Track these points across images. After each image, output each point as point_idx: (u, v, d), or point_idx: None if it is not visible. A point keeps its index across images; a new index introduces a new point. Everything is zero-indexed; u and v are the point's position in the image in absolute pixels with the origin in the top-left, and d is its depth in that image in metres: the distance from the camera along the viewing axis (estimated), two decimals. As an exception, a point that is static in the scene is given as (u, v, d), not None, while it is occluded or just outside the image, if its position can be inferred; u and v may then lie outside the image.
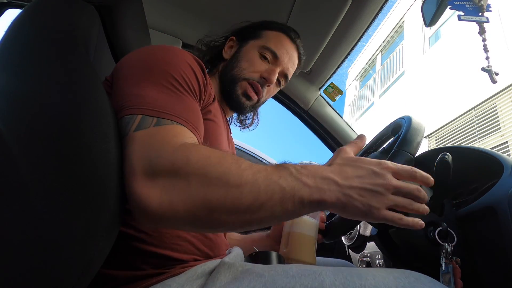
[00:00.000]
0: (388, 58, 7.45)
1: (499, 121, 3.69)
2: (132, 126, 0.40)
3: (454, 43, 4.73)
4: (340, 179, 0.39)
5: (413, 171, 0.42)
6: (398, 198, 0.40)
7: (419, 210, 0.41)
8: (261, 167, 0.38)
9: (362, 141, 0.49)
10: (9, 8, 1.01)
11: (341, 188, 0.39)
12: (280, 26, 0.79)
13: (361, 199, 0.38)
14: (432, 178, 0.43)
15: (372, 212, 0.38)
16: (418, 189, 0.41)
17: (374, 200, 0.39)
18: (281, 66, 0.76)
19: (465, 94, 4.22)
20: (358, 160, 0.42)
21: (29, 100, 0.37)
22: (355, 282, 0.37)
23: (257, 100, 0.75)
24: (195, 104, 0.50)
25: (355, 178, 0.40)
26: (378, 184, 0.39)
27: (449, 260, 0.52)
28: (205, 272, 0.47)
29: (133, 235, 0.46)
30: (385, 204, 0.39)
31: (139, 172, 0.36)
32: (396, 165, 0.42)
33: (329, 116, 1.36)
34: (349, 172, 0.40)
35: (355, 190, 0.39)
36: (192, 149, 0.38)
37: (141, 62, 0.49)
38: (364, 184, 0.39)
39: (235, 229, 0.40)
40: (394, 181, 0.40)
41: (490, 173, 0.63)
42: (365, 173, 0.40)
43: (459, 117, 4.33)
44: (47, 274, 0.28)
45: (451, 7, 0.59)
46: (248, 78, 0.73)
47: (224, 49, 0.80)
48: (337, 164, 0.42)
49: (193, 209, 0.35)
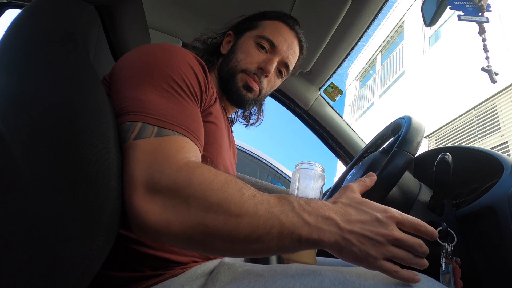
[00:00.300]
0: (388, 58, 7.45)
1: (499, 121, 3.69)
2: (132, 134, 0.39)
3: (454, 43, 4.73)
4: (342, 222, 0.38)
5: (418, 225, 0.40)
6: (397, 251, 0.39)
7: (417, 265, 0.40)
8: (264, 198, 0.38)
9: (372, 181, 0.48)
10: (9, 8, 1.01)
11: (342, 231, 0.38)
12: (276, 14, 0.76)
13: (360, 246, 0.38)
14: (437, 233, 0.42)
15: (369, 260, 0.37)
16: (420, 244, 0.39)
17: (373, 249, 0.38)
18: (280, 55, 0.72)
19: (465, 94, 4.22)
20: (363, 203, 0.41)
21: (29, 100, 0.37)
22: (355, 282, 0.37)
23: (258, 91, 0.72)
24: (196, 110, 0.49)
25: (357, 223, 0.39)
26: (380, 233, 0.38)
27: (449, 260, 0.52)
28: (204, 273, 0.47)
29: (132, 237, 0.46)
30: (383, 254, 0.38)
31: (140, 184, 0.36)
32: (402, 215, 0.40)
33: (329, 116, 1.36)
34: (353, 215, 0.39)
35: (355, 236, 0.38)
36: (196, 171, 0.37)
37: (140, 62, 0.48)
38: (366, 231, 0.38)
39: (226, 255, 0.40)
40: (397, 232, 0.39)
41: (490, 173, 0.63)
42: (369, 219, 0.39)
43: (459, 117, 4.33)
44: (47, 274, 0.28)
45: (451, 7, 0.59)
46: (245, 69, 0.69)
47: (222, 44, 0.78)
48: (342, 204, 0.41)
49: (188, 231, 0.35)
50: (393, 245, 0.39)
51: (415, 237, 0.40)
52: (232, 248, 0.36)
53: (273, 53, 0.72)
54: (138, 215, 0.34)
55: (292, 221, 0.37)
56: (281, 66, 0.74)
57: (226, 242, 0.36)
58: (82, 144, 0.35)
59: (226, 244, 0.36)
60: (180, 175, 0.36)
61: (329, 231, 0.38)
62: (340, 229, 0.38)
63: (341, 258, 0.39)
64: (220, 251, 0.37)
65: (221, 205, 0.35)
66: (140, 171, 0.36)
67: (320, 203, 0.40)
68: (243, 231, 0.35)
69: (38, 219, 0.28)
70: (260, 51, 0.71)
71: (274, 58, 0.71)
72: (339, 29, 0.99)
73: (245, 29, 0.76)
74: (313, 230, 0.37)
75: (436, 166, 0.59)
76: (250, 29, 0.74)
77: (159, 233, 0.35)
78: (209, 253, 0.42)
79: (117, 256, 0.44)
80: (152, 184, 0.35)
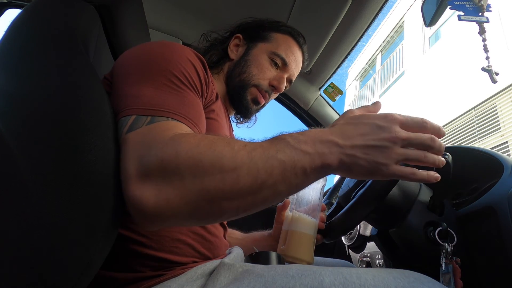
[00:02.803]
0: (388, 58, 7.45)
1: (499, 121, 3.69)
2: (125, 128, 0.39)
3: (454, 43, 4.73)
4: (341, 140, 0.37)
5: (423, 121, 0.38)
6: (408, 151, 0.36)
7: (435, 162, 0.37)
8: (256, 144, 0.36)
9: (375, 107, 0.44)
10: (9, 8, 1.01)
11: (343, 148, 0.36)
12: (289, 30, 0.78)
13: (366, 157, 0.36)
14: (443, 129, 0.40)
15: (380, 169, 0.36)
16: (431, 138, 0.37)
17: (381, 156, 0.35)
18: (289, 73, 0.76)
19: (465, 94, 4.22)
20: (361, 117, 0.40)
21: (29, 100, 0.37)
22: (355, 282, 0.37)
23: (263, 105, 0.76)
24: (197, 99, 0.48)
25: (358, 136, 0.37)
26: (383, 138, 0.36)
27: (449, 260, 0.52)
28: (205, 273, 0.47)
29: (132, 238, 0.46)
30: (394, 159, 0.36)
31: (132, 174, 0.34)
32: (403, 116, 0.38)
33: (329, 116, 1.36)
34: (351, 131, 0.38)
35: (359, 149, 0.36)
36: (181, 140, 0.35)
37: (139, 60, 0.48)
38: (368, 141, 0.36)
39: (239, 214, 0.37)
40: (402, 132, 0.37)
41: (490, 173, 0.63)
42: (369, 129, 0.37)
43: (459, 117, 4.33)
44: (47, 274, 0.28)
45: (451, 7, 0.59)
46: (258, 84, 0.73)
47: (230, 47, 0.77)
48: (339, 125, 0.40)
49: (191, 202, 0.33)
50: (402, 147, 0.37)
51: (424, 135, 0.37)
52: (242, 204, 0.35)
53: (283, 70, 0.76)
54: (136, 205, 0.33)
55: (290, 156, 0.35)
56: (286, 82, 0.78)
57: (233, 200, 0.34)
58: (82, 144, 0.35)
59: (234, 202, 0.34)
60: (166, 150, 0.34)
61: (330, 152, 0.36)
62: (340, 147, 0.36)
63: (354, 176, 0.37)
64: (231, 212, 0.35)
65: (213, 165, 0.34)
66: (130, 161, 0.35)
67: (316, 130, 0.38)
68: (244, 183, 0.34)
69: (37, 219, 0.28)
70: (272, 67, 0.74)
71: (284, 76, 0.75)
72: (339, 29, 0.99)
73: (257, 39, 0.76)
74: (314, 158, 0.35)
75: (436, 166, 0.59)
76: (263, 40, 0.76)
77: (163, 216, 0.33)
78: (221, 218, 0.39)
79: (117, 256, 0.44)
80: (142, 169, 0.34)
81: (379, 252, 0.84)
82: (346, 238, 1.00)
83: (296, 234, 0.64)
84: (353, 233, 0.96)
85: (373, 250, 0.88)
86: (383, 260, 0.84)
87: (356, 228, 0.94)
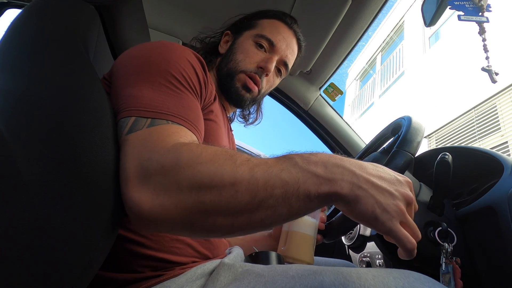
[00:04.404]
0: (388, 58, 7.45)
1: (499, 121, 3.68)
2: (125, 129, 0.39)
3: (454, 43, 4.73)
4: (358, 170, 0.34)
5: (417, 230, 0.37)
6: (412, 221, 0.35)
7: (413, 244, 0.36)
8: (261, 160, 0.35)
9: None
10: (9, 8, 1.01)
11: (358, 178, 0.33)
12: (275, 13, 0.75)
13: (377, 198, 0.33)
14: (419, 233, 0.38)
15: (384, 217, 0.33)
16: (417, 235, 0.37)
17: (392, 205, 0.33)
18: (279, 54, 0.72)
19: (465, 94, 4.22)
20: (381, 166, 0.38)
21: (29, 100, 0.37)
22: (355, 282, 0.37)
23: (257, 92, 0.71)
24: (195, 102, 0.47)
25: (376, 177, 0.34)
26: (400, 192, 0.34)
27: (449, 260, 0.52)
28: (204, 273, 0.47)
29: (132, 238, 0.46)
30: (401, 216, 0.34)
31: (131, 176, 0.34)
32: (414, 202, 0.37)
33: (329, 116, 1.36)
34: (371, 169, 0.35)
35: (373, 186, 0.33)
36: (183, 148, 0.35)
37: (138, 60, 0.47)
38: (385, 185, 0.34)
39: (234, 233, 0.36)
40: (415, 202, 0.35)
41: (490, 173, 0.63)
42: (389, 176, 0.35)
43: (459, 117, 4.33)
44: (47, 275, 0.27)
45: (451, 7, 0.59)
46: (245, 70, 0.69)
47: (220, 44, 0.77)
48: (357, 160, 0.38)
49: (186, 212, 0.32)
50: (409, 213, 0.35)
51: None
52: (238, 221, 0.33)
53: (272, 52, 0.71)
54: (132, 207, 0.33)
55: (295, 177, 0.33)
56: (280, 65, 0.74)
57: (228, 216, 0.33)
58: (81, 144, 0.35)
59: (228, 219, 0.33)
60: (168, 157, 0.34)
61: (342, 179, 0.33)
62: (356, 176, 0.34)
63: (353, 214, 0.35)
64: (225, 229, 0.34)
65: (212, 178, 0.32)
66: (130, 163, 0.35)
67: (330, 154, 0.36)
68: (242, 200, 0.32)
69: (37, 219, 0.28)
70: (259, 50, 0.71)
71: (273, 57, 0.70)
72: (339, 29, 0.99)
73: (243, 29, 0.75)
74: (322, 182, 0.33)
75: (436, 166, 0.59)
76: (249, 28, 0.74)
77: (157, 221, 0.33)
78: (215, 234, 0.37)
79: (116, 257, 0.44)
80: (142, 172, 0.34)
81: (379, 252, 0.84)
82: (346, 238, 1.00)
83: (296, 235, 0.64)
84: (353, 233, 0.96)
85: (373, 250, 0.88)
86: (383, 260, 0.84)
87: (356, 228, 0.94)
